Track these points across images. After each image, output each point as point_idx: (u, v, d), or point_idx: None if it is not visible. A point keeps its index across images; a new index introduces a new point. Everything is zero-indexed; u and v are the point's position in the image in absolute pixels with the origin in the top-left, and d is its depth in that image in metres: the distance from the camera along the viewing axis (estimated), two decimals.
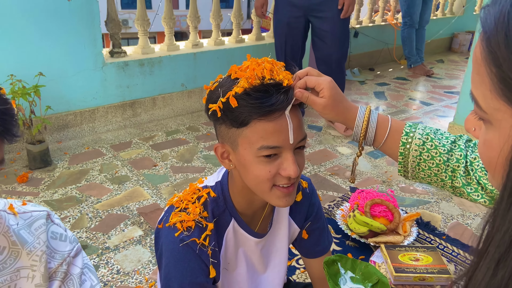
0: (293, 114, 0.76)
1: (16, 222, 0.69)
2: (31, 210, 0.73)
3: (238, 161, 0.80)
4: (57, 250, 0.73)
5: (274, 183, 0.78)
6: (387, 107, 3.54)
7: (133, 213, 1.89)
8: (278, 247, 1.04)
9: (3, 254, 0.67)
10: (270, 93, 0.73)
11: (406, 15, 4.34)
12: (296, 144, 0.77)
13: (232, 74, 0.78)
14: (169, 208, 0.93)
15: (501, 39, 0.37)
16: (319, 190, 2.14)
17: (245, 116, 0.73)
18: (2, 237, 0.67)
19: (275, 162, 0.76)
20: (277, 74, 0.76)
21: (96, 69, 2.55)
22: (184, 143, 2.65)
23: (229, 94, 0.74)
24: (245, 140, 0.76)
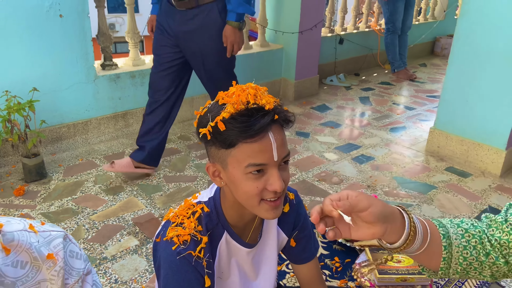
0: (277, 133, 0.84)
1: (37, 239, 0.76)
2: (50, 230, 0.80)
3: (228, 178, 0.89)
4: (73, 267, 0.80)
5: (262, 197, 0.87)
6: (372, 112, 3.66)
7: (128, 223, 1.96)
8: (268, 255, 1.12)
9: (25, 268, 0.74)
10: (253, 116, 0.81)
11: (389, 21, 4.48)
12: (280, 161, 0.85)
13: (219, 100, 0.87)
14: (165, 223, 1.00)
15: None
16: (306, 196, 2.23)
17: (232, 138, 0.82)
18: (25, 253, 0.74)
19: (262, 178, 0.85)
20: (260, 98, 0.84)
21: (88, 82, 2.61)
22: (176, 152, 2.72)
23: (217, 119, 0.83)
24: (233, 159, 0.84)
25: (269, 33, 3.78)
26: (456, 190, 2.40)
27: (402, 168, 2.65)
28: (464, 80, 2.60)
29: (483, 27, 2.43)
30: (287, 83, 3.83)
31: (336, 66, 4.47)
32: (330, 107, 3.72)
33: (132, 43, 2.90)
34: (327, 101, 3.88)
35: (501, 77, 2.41)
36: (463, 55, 2.56)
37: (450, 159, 2.77)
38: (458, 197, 2.33)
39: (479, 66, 2.50)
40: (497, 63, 2.41)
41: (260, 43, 3.70)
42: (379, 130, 3.25)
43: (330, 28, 4.44)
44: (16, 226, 0.76)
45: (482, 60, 2.47)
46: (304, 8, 3.51)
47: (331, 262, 1.78)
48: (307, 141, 3.00)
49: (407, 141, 3.08)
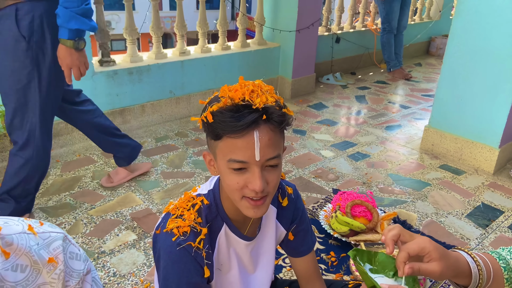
0: (264, 133, 0.83)
1: (36, 242, 0.75)
2: (50, 231, 0.79)
3: (218, 168, 0.91)
4: (74, 269, 0.80)
5: (243, 194, 0.87)
6: (368, 111, 3.69)
7: (126, 218, 1.98)
8: (266, 249, 1.14)
9: (25, 272, 0.73)
10: (239, 112, 0.81)
11: (385, 21, 4.52)
12: (264, 162, 0.84)
13: (221, 92, 0.89)
14: (165, 215, 1.02)
15: None
16: (303, 192, 2.26)
17: (218, 131, 0.83)
18: (24, 256, 0.73)
19: (243, 175, 0.85)
20: (257, 96, 0.85)
21: (86, 78, 2.60)
22: (173, 149, 2.74)
23: (208, 110, 0.85)
24: (220, 151, 0.86)
25: (266, 31, 3.80)
26: (450, 187, 2.43)
27: (397, 165, 2.69)
28: (458, 80, 2.63)
29: (477, 27, 2.47)
30: (284, 81, 3.86)
31: (332, 64, 4.50)
32: (326, 105, 3.74)
33: (130, 40, 2.91)
34: (324, 99, 3.91)
35: (495, 76, 2.45)
36: (457, 54, 2.60)
37: (444, 157, 2.81)
38: (451, 194, 2.37)
39: (473, 65, 2.54)
40: (491, 62, 2.45)
41: (258, 41, 3.72)
42: (374, 128, 3.29)
43: (327, 27, 4.47)
44: (15, 228, 0.75)
45: (476, 59, 2.51)
46: (301, 6, 3.54)
47: (327, 257, 1.81)
48: (303, 138, 3.03)
49: (402, 139, 3.11)
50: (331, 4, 4.47)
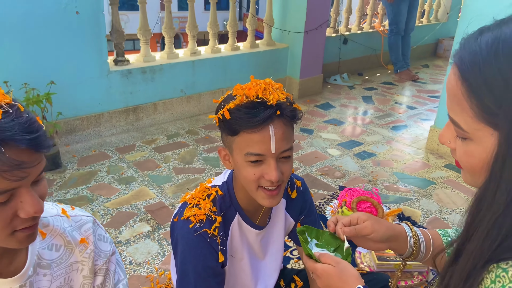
0: (278, 127, 0.90)
1: (69, 224, 0.83)
2: (81, 215, 0.87)
3: (234, 162, 0.98)
4: (102, 250, 0.87)
5: (259, 184, 0.94)
6: (375, 111, 3.75)
7: (140, 211, 2.07)
8: (276, 238, 1.22)
9: (59, 251, 0.81)
10: (255, 109, 0.88)
11: (393, 23, 4.57)
12: (279, 154, 0.91)
13: (234, 91, 0.96)
14: (183, 204, 1.10)
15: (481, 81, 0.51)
16: (310, 188, 2.32)
17: (236, 127, 0.90)
18: (59, 237, 0.81)
19: (260, 167, 0.92)
20: (269, 93, 0.92)
21: (101, 77, 2.72)
22: (184, 146, 2.82)
23: (225, 108, 0.92)
24: (236, 146, 0.93)
25: (275, 32, 3.88)
26: (454, 186, 2.49)
27: (403, 164, 2.75)
28: None
29: None
30: (292, 81, 3.93)
31: (340, 65, 4.56)
32: (333, 105, 3.81)
33: (143, 40, 3.01)
34: (331, 99, 3.97)
35: None
36: None
37: (449, 157, 2.86)
38: (455, 192, 2.42)
39: None
40: None
41: (266, 42, 3.80)
42: (381, 128, 3.35)
43: (334, 28, 4.53)
44: (50, 211, 0.83)
45: None
46: (309, 8, 3.61)
47: None
48: (310, 137, 3.10)
49: (408, 139, 3.17)
50: (339, 6, 4.53)
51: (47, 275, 0.79)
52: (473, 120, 0.54)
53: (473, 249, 0.57)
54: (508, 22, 0.54)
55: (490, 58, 0.51)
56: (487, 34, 0.54)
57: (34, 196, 0.64)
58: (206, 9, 15.45)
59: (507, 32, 0.52)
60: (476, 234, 0.57)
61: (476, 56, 0.52)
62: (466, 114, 0.55)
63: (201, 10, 16.91)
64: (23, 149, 0.59)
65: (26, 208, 0.63)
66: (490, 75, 0.51)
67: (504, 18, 0.55)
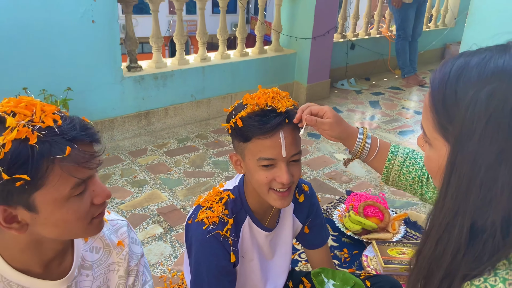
0: (288, 133, 0.97)
1: (107, 228, 0.90)
2: (117, 219, 0.93)
3: (246, 167, 1.04)
4: (134, 252, 0.93)
5: (271, 186, 1.01)
6: (382, 116, 3.79)
7: (153, 213, 2.14)
8: (284, 240, 1.27)
9: (99, 253, 0.87)
10: (266, 116, 0.95)
11: (400, 28, 4.61)
12: (289, 158, 0.98)
13: (244, 100, 1.03)
14: (196, 207, 1.16)
15: (440, 98, 0.59)
16: (318, 193, 2.38)
17: (248, 134, 0.97)
18: (99, 240, 0.88)
19: (271, 170, 0.99)
20: (278, 101, 0.99)
21: (115, 82, 2.80)
22: (194, 150, 2.90)
23: (237, 116, 0.98)
24: (249, 152, 0.99)
25: (283, 38, 3.94)
26: None
27: None
28: None
29: (489, 38, 2.55)
30: (300, 86, 3.99)
31: (347, 70, 4.61)
32: (340, 110, 3.86)
33: (155, 47, 3.09)
34: (338, 104, 4.02)
35: None
36: None
37: None
38: None
39: None
40: None
41: (274, 48, 3.87)
42: (388, 133, 3.39)
43: (342, 33, 4.58)
44: None
45: None
46: (317, 15, 3.67)
47: (340, 253, 1.93)
48: (318, 142, 3.15)
49: (415, 144, 3.21)
50: (346, 12, 4.59)
51: (89, 275, 0.85)
52: (433, 129, 0.62)
53: (427, 255, 0.62)
54: (480, 52, 0.60)
55: (452, 80, 0.58)
56: (461, 59, 0.60)
57: (102, 184, 0.74)
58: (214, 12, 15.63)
59: (474, 61, 0.58)
60: (429, 240, 0.62)
61: (445, 76, 0.60)
62: (429, 122, 0.62)
63: (209, 13, 17.07)
64: (88, 142, 0.69)
65: (100, 194, 0.72)
66: (448, 94, 0.58)
67: (483, 47, 0.61)
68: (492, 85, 0.54)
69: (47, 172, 0.64)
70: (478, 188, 0.55)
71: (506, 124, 0.52)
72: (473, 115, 0.54)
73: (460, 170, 0.56)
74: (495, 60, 0.56)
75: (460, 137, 0.56)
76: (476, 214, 0.56)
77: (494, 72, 0.55)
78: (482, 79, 0.55)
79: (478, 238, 0.56)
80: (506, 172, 0.53)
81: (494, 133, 0.53)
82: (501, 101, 0.53)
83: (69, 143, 0.66)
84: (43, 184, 0.64)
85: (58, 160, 0.64)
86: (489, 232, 0.55)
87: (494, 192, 0.54)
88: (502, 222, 0.55)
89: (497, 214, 0.54)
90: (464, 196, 0.56)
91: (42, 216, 0.67)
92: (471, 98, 0.55)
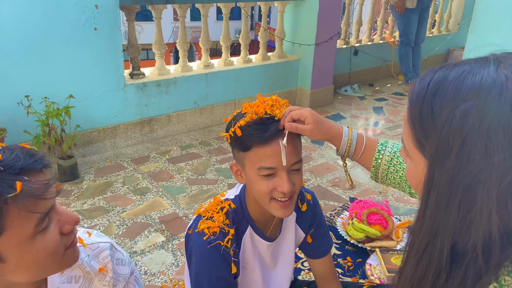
0: (288, 141, 0.95)
1: (87, 254, 0.84)
2: (98, 241, 0.87)
3: (246, 177, 1.02)
4: (120, 274, 0.89)
5: (272, 196, 0.99)
6: (385, 122, 3.77)
7: (155, 221, 2.12)
8: (286, 250, 1.25)
9: (79, 282, 0.82)
10: (265, 125, 0.94)
11: (403, 34, 4.60)
12: (290, 166, 0.96)
13: (243, 109, 1.01)
14: (197, 217, 1.14)
15: (417, 114, 0.57)
16: (321, 200, 2.36)
17: (247, 143, 0.95)
18: (78, 268, 0.82)
19: (272, 180, 0.97)
20: (277, 109, 0.98)
21: (118, 90, 2.81)
22: (197, 157, 2.89)
23: (236, 126, 0.97)
24: (249, 161, 0.98)
25: (286, 44, 3.94)
26: None
27: None
28: None
29: (491, 43, 2.54)
30: (303, 92, 3.98)
31: (350, 76, 4.59)
32: (344, 116, 3.84)
33: (158, 54, 3.10)
34: (342, 110, 4.01)
35: None
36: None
37: None
38: None
39: None
40: None
41: (278, 54, 3.87)
42: (392, 139, 3.36)
43: (345, 40, 4.58)
44: None
45: None
46: (320, 21, 3.67)
47: (344, 262, 1.91)
48: (321, 148, 3.13)
49: None
50: (349, 18, 4.58)
51: None
52: (412, 144, 0.59)
53: (408, 277, 0.60)
54: (459, 65, 0.57)
55: (429, 96, 0.55)
56: (439, 73, 0.57)
57: (66, 210, 0.69)
58: (219, 19, 15.72)
59: (452, 75, 0.55)
60: (409, 261, 0.60)
61: (423, 90, 0.57)
62: (408, 137, 0.60)
63: (213, 20, 17.15)
64: (39, 170, 0.63)
65: (68, 221, 0.68)
66: (424, 111, 0.56)
67: (463, 60, 0.58)
68: (468, 103, 0.51)
69: (2, 215, 0.58)
70: (456, 209, 0.52)
71: (483, 144, 0.50)
72: (448, 134, 0.52)
73: (438, 190, 0.54)
74: (473, 76, 0.53)
75: (437, 156, 0.54)
76: (456, 235, 0.53)
77: (470, 89, 0.52)
78: (458, 96, 0.52)
79: (460, 262, 0.54)
80: (484, 194, 0.50)
81: (471, 153, 0.50)
82: (477, 120, 0.50)
83: (18, 177, 0.59)
84: (2, 229, 0.58)
85: (11, 199, 0.58)
86: (470, 257, 0.53)
87: (473, 214, 0.51)
88: (484, 245, 0.52)
89: (477, 237, 0.52)
90: (443, 216, 0.54)
91: (11, 264, 0.62)
92: (447, 116, 0.52)
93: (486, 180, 0.50)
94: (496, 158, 0.49)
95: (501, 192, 0.50)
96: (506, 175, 0.50)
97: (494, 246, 0.52)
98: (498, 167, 0.49)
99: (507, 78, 0.51)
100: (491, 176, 0.50)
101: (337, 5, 3.80)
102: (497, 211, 0.50)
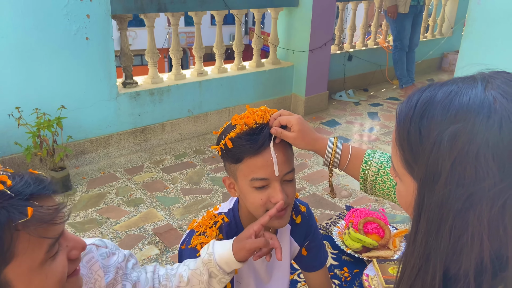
0: (279, 151, 0.94)
1: None
2: None
3: (239, 190, 1.01)
4: (109, 264, 0.88)
5: (267, 208, 0.97)
6: (380, 128, 3.76)
7: (149, 233, 2.09)
8: (281, 263, 1.23)
9: None
10: (255, 134, 0.93)
11: (397, 39, 4.61)
12: (282, 177, 0.95)
13: (233, 121, 1.00)
14: (190, 231, 1.12)
15: (405, 135, 0.56)
16: (317, 208, 2.34)
17: (239, 155, 0.94)
18: None
19: (265, 191, 0.95)
20: (267, 118, 0.97)
21: (110, 99, 2.78)
22: (192, 166, 2.86)
23: (226, 138, 0.95)
24: (241, 173, 0.96)
25: (280, 51, 3.93)
26: None
27: None
28: None
29: (486, 49, 2.54)
30: (297, 98, 3.97)
31: (345, 82, 4.59)
32: (339, 122, 3.83)
33: (151, 62, 3.08)
34: (336, 116, 4.00)
35: None
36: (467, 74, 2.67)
37: None
38: None
39: None
40: None
41: (272, 61, 3.86)
42: (387, 145, 3.35)
43: (339, 45, 4.58)
44: None
45: None
46: (314, 28, 3.66)
47: (341, 272, 1.88)
48: (317, 156, 3.11)
49: None
50: (343, 24, 4.59)
51: None
52: (401, 165, 0.58)
53: None
54: (447, 84, 0.55)
55: (417, 117, 0.54)
56: (426, 93, 0.56)
57: (74, 236, 0.69)
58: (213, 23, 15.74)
59: (440, 96, 0.54)
60: (402, 286, 0.58)
61: (410, 111, 0.55)
62: (397, 158, 0.59)
63: (207, 25, 17.15)
64: (48, 196, 0.63)
65: (76, 247, 0.68)
66: (412, 132, 0.54)
67: (451, 79, 0.57)
68: (456, 126, 0.50)
69: (13, 241, 0.57)
70: (448, 234, 0.51)
71: (472, 169, 0.48)
72: (437, 158, 0.50)
73: (428, 214, 0.53)
74: (460, 97, 0.52)
75: (426, 180, 0.52)
76: (448, 261, 0.52)
77: (458, 111, 0.51)
78: (446, 118, 0.51)
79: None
80: (475, 219, 0.49)
81: (460, 177, 0.49)
82: (466, 143, 0.49)
83: (28, 203, 0.59)
84: (12, 256, 0.58)
85: (21, 225, 0.58)
86: (463, 283, 0.51)
87: (465, 239, 0.50)
88: (476, 272, 0.50)
89: (469, 263, 0.50)
90: (434, 241, 0.52)
91: None
92: (435, 139, 0.51)
93: (477, 205, 0.49)
94: (487, 182, 0.48)
95: (492, 217, 0.49)
96: (497, 200, 0.48)
97: (486, 272, 0.50)
98: (489, 191, 0.48)
99: (495, 100, 0.50)
100: (482, 201, 0.48)
101: (331, 11, 3.80)
102: (489, 236, 0.49)
